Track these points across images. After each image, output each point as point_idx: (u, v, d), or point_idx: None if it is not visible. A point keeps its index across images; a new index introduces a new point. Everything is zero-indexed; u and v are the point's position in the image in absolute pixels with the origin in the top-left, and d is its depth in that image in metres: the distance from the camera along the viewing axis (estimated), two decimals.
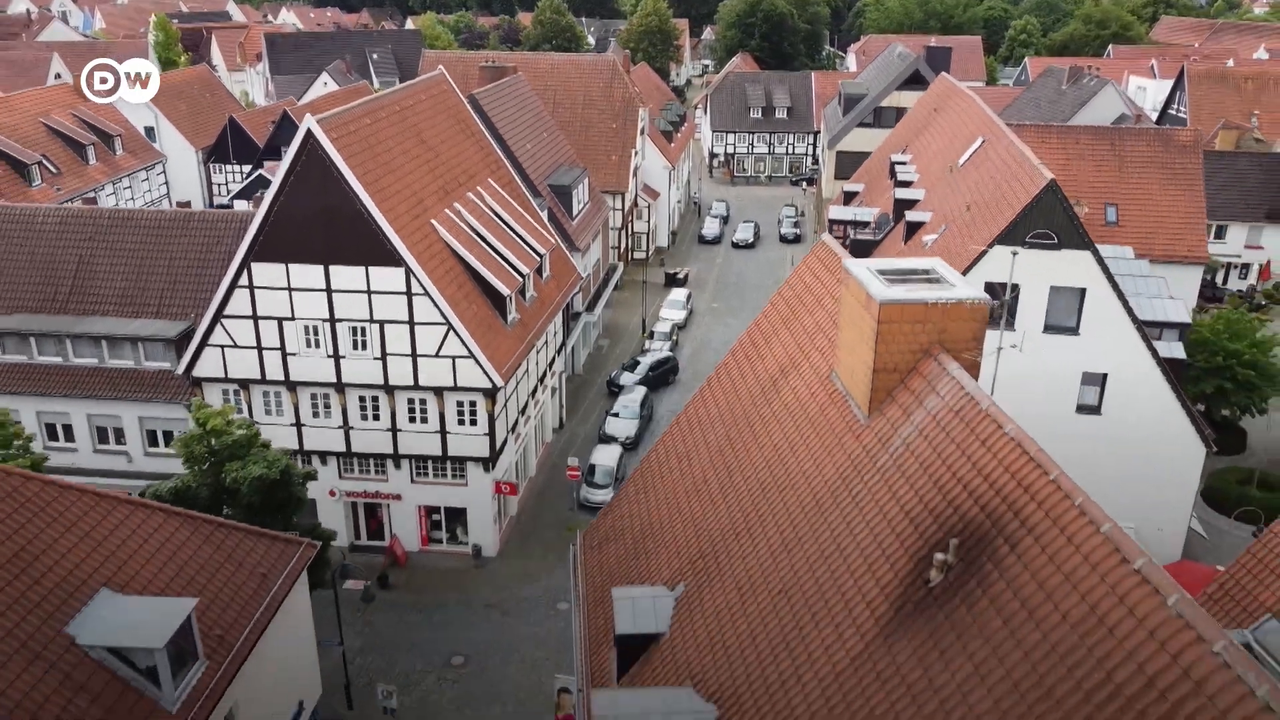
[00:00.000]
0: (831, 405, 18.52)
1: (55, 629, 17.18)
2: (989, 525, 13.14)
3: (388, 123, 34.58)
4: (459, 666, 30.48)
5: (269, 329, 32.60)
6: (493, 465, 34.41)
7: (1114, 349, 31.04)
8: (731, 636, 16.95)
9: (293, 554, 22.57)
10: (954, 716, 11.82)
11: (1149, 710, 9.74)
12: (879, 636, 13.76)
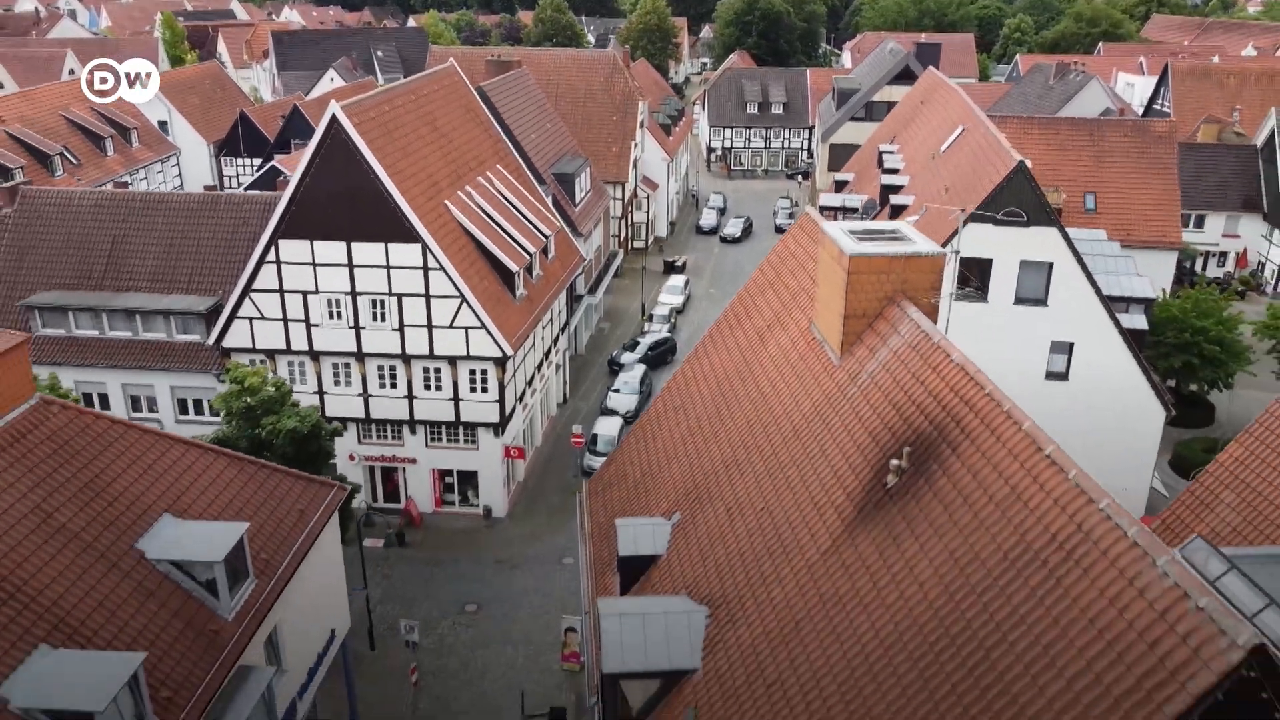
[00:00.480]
0: (810, 351, 20.95)
1: (127, 544, 19.58)
2: (936, 434, 15.56)
3: (404, 110, 36.99)
4: (472, 613, 32.91)
5: (294, 302, 35.02)
6: (502, 430, 36.84)
7: (1080, 319, 33.44)
8: (721, 552, 19.37)
9: (326, 495, 24.98)
10: (902, 586, 14.25)
11: (1050, 558, 12.18)
12: (844, 533, 16.19)
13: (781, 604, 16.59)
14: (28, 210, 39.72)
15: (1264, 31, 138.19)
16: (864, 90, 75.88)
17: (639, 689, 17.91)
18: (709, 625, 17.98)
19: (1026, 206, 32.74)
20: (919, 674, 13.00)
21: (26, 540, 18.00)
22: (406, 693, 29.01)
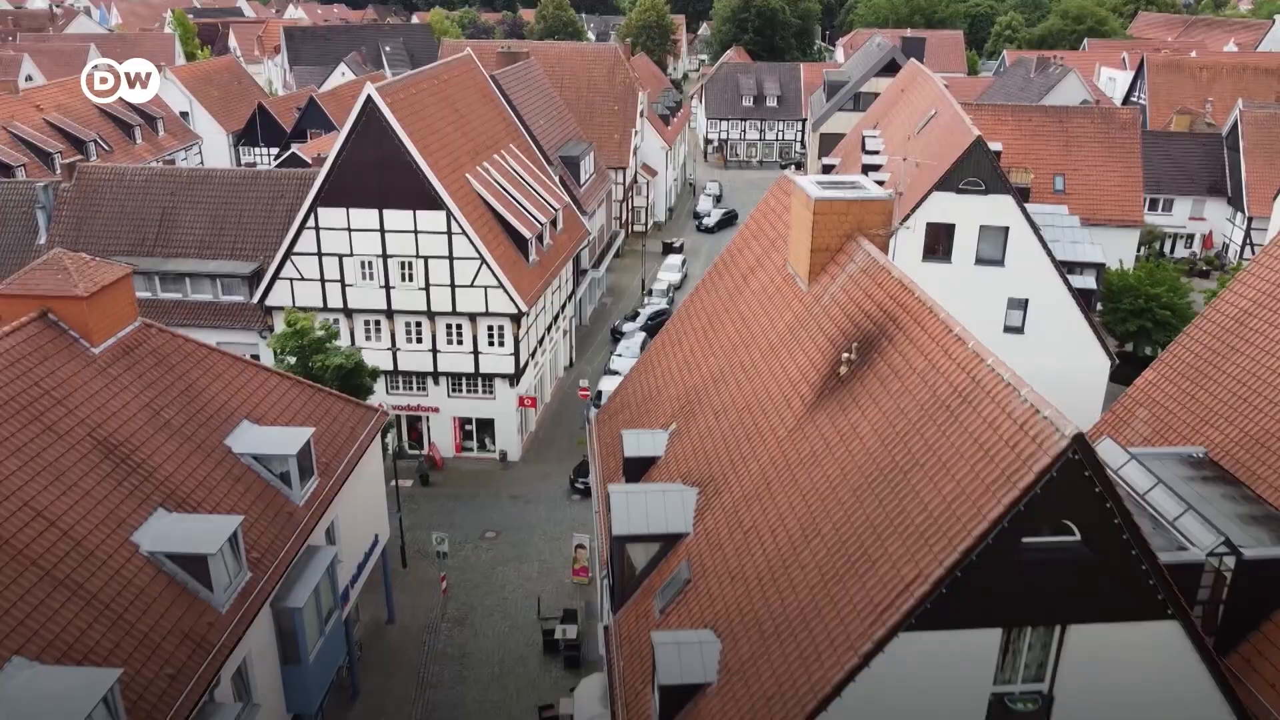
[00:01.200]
0: (785, 284, 25.05)
1: (217, 440, 23.62)
2: (877, 332, 19.66)
3: (428, 93, 41.03)
4: (492, 539, 36.97)
5: (331, 264, 39.06)
6: (517, 381, 40.91)
7: (1033, 278, 37.49)
8: (709, 445, 23.43)
9: (371, 417, 29.07)
10: (848, 442, 18.34)
11: (952, 403, 16.25)
12: (806, 414, 20.28)
13: (756, 473, 20.68)
14: (85, 185, 43.72)
15: (1245, 29, 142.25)
16: (852, 82, 79.93)
17: (641, 551, 21.95)
18: (699, 500, 22.04)
19: (984, 176, 36.81)
20: (857, 500, 17.09)
21: (141, 429, 22.04)
22: (436, 599, 33.08)
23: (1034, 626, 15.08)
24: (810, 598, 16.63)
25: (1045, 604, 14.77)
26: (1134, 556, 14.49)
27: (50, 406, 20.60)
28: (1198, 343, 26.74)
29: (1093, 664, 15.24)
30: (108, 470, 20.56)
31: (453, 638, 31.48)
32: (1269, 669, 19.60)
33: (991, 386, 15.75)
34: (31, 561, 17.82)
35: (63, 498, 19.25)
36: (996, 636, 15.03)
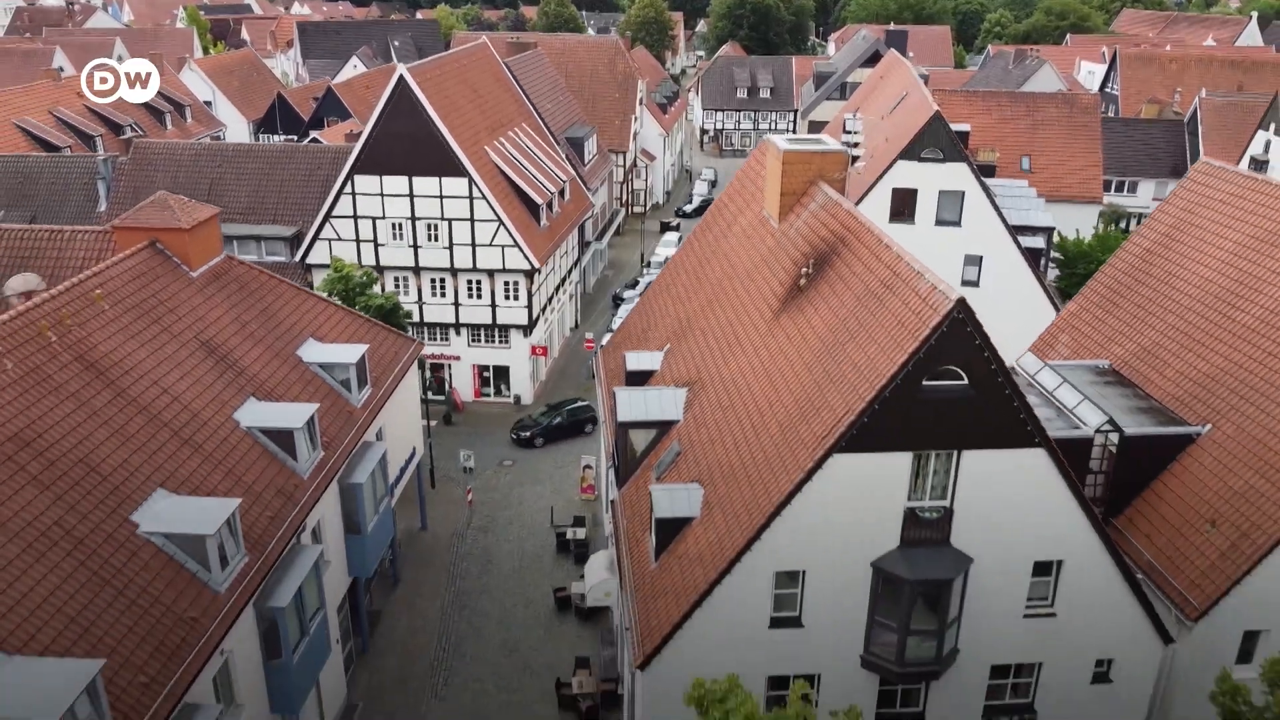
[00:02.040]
0: (761, 225, 30.04)
1: (290, 352, 28.55)
2: (829, 250, 24.63)
3: (450, 75, 45.96)
4: (509, 466, 41.91)
5: (365, 226, 43.96)
6: (530, 332, 45.87)
7: (986, 237, 42.45)
8: (697, 356, 28.40)
9: (409, 346, 34.02)
10: (804, 334, 23.31)
11: (880, 293, 21.20)
12: (773, 319, 25.25)
13: (734, 370, 25.68)
14: (140, 159, 48.61)
15: (1223, 25, 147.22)
16: (838, 73, 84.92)
17: (641, 436, 26.89)
18: (688, 395, 26.99)
19: (943, 146, 41.77)
20: (808, 370, 22.08)
21: (232, 337, 26.98)
22: (463, 512, 38.02)
23: (935, 452, 20.01)
24: (773, 445, 21.61)
25: (943, 433, 19.75)
26: (1008, 396, 19.48)
27: (164, 314, 25.53)
28: (1110, 277, 31.81)
29: (981, 483, 20.21)
30: (211, 364, 25.51)
31: (478, 541, 36.43)
32: (1145, 524, 24.71)
33: (908, 276, 20.74)
34: (164, 424, 22.77)
35: (180, 381, 24.19)
36: (908, 460, 20.00)
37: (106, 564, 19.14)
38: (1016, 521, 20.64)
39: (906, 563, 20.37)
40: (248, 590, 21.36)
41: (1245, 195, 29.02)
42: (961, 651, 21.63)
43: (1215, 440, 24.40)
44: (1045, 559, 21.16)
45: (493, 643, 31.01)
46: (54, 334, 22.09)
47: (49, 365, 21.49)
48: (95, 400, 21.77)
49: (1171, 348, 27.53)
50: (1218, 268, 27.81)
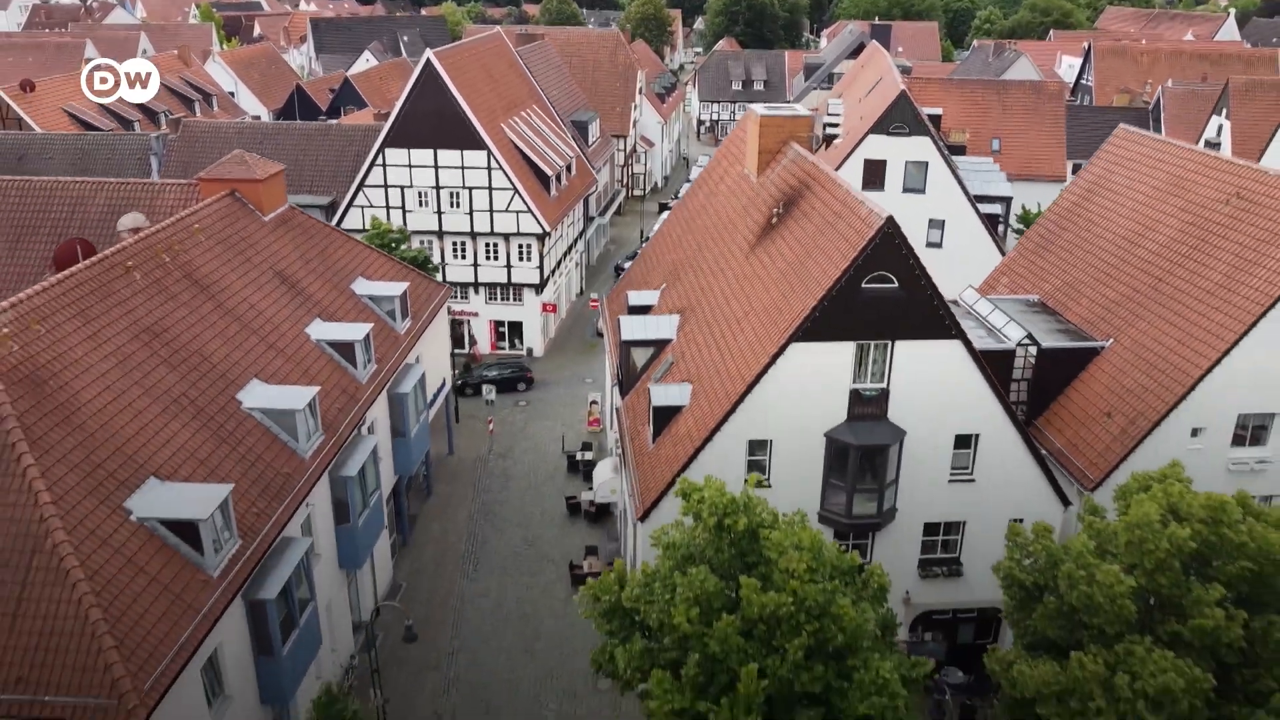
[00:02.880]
0: (743, 181, 35.31)
1: (344, 286, 33.79)
2: (796, 194, 29.91)
3: (470, 60, 51.23)
4: (524, 405, 47.18)
5: (394, 194, 49.20)
6: (541, 290, 51.13)
7: (948, 203, 47.67)
8: (688, 290, 33.64)
9: (440, 290, 39.28)
10: (774, 260, 28.59)
11: (834, 221, 26.50)
12: (749, 251, 30.53)
13: (718, 296, 30.94)
14: (188, 136, 53.86)
15: (1203, 21, 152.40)
16: (826, 64, 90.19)
17: (641, 354, 32.13)
18: (680, 320, 32.23)
19: (909, 122, 47.03)
20: (776, 286, 27.31)
21: (299, 270, 32.23)
22: (485, 441, 43.27)
23: (873, 342, 25.25)
24: (746, 343, 26.88)
25: (879, 327, 24.99)
26: (930, 296, 24.74)
27: (245, 248, 30.79)
28: (1042, 228, 37.16)
29: (911, 368, 25.45)
30: (284, 290, 30.77)
31: (498, 464, 41.71)
32: (1059, 420, 29.98)
33: (853, 205, 26.02)
34: (253, 331, 28.04)
35: (262, 300, 29.46)
36: (852, 349, 25.23)
37: (221, 428, 24.41)
38: (940, 400, 25.88)
39: (852, 433, 25.64)
40: (324, 461, 26.62)
41: (1152, 155, 34.35)
42: (899, 511, 26.89)
43: (1115, 351, 29.69)
44: (964, 433, 26.41)
45: (514, 539, 36.30)
46: (167, 256, 27.36)
47: (166, 279, 26.77)
48: (202, 308, 27.06)
49: (1088, 281, 32.84)
50: (1126, 214, 33.13)
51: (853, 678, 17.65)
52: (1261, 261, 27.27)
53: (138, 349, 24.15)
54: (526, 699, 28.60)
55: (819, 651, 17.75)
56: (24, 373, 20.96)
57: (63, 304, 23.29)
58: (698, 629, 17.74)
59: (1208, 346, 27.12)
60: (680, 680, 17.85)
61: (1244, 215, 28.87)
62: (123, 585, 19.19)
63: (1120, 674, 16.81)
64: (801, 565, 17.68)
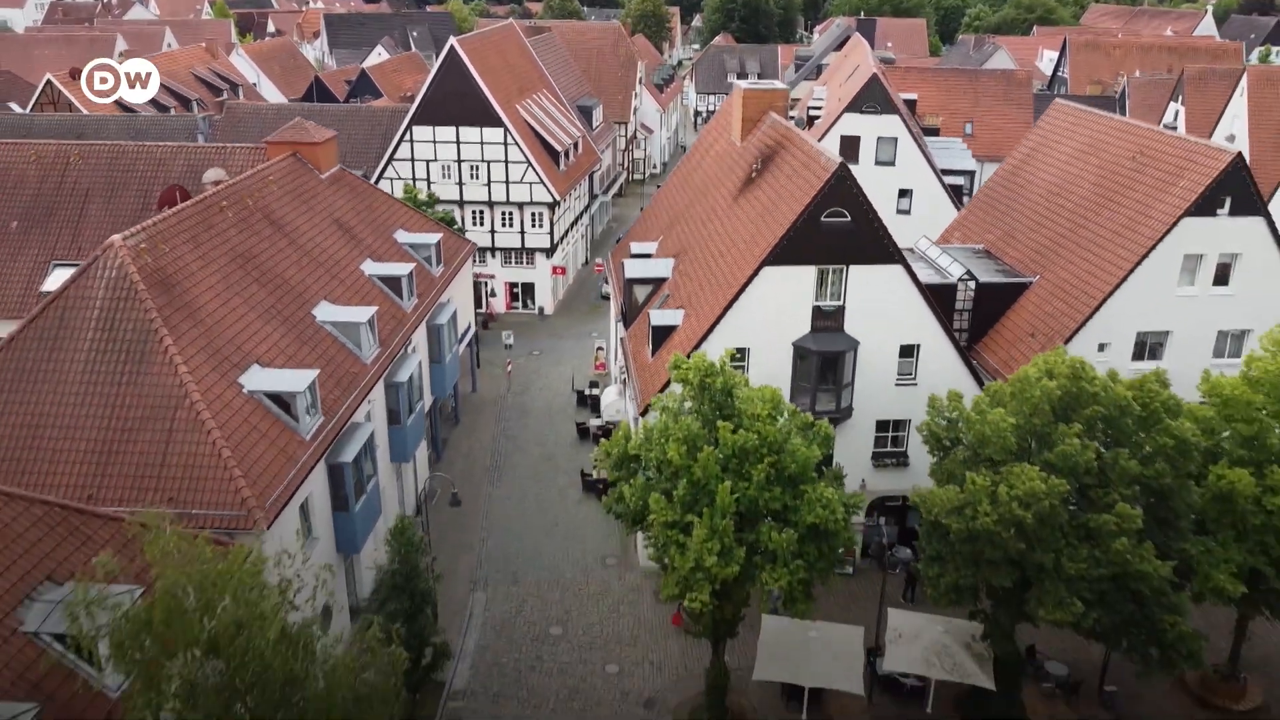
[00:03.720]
0: (730, 146, 41.09)
1: (387, 234, 39.53)
2: (772, 152, 35.69)
3: (487, 47, 56.96)
4: (538, 355, 52.92)
5: (420, 167, 54.92)
6: (551, 254, 56.86)
7: (915, 174, 53.44)
8: (681, 237, 39.40)
9: (466, 245, 45.03)
10: (751, 205, 34.36)
11: (801, 170, 32.30)
12: (732, 199, 36.32)
13: (705, 240, 36.70)
14: (231, 116, 59.58)
15: (1181, 18, 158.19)
16: (815, 57, 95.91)
17: (641, 290, 37.87)
18: (675, 262, 37.98)
19: (880, 101, 52.76)
20: (753, 224, 33.08)
21: (352, 219, 37.95)
22: (504, 381, 49.02)
23: (831, 267, 30.96)
24: (730, 273, 32.59)
25: (836, 254, 30.71)
26: (876, 228, 30.50)
27: (308, 199, 36.53)
28: (989, 189, 42.91)
29: (863, 288, 31.17)
30: (340, 234, 36.51)
31: (516, 400, 47.45)
32: (993, 344, 35.68)
33: (815, 155, 31.77)
34: (319, 264, 33.76)
35: (324, 240, 35.20)
36: (814, 272, 30.95)
37: (302, 334, 30.16)
38: (887, 315, 31.59)
39: (814, 342, 31.38)
40: (381, 368, 32.34)
41: (1077, 124, 40.11)
42: (855, 409, 32.63)
43: (1041, 285, 35.43)
44: (908, 343, 32.14)
45: (532, 456, 42.08)
46: (250, 200, 33.10)
47: (250, 218, 32.52)
48: (279, 243, 32.81)
49: (1022, 230, 38.58)
50: (1054, 172, 38.89)
51: (804, 497, 23.36)
52: (1156, 205, 33.03)
53: (235, 269, 29.90)
54: (546, 570, 34.38)
55: (778, 478, 23.45)
56: (157, 279, 26.70)
57: (177, 231, 29.01)
58: (685, 461, 23.44)
59: (1111, 277, 32.87)
60: (672, 500, 23.55)
61: (1144, 169, 34.63)
62: (242, 436, 24.93)
63: (1001, 486, 22.51)
64: (764, 410, 23.42)
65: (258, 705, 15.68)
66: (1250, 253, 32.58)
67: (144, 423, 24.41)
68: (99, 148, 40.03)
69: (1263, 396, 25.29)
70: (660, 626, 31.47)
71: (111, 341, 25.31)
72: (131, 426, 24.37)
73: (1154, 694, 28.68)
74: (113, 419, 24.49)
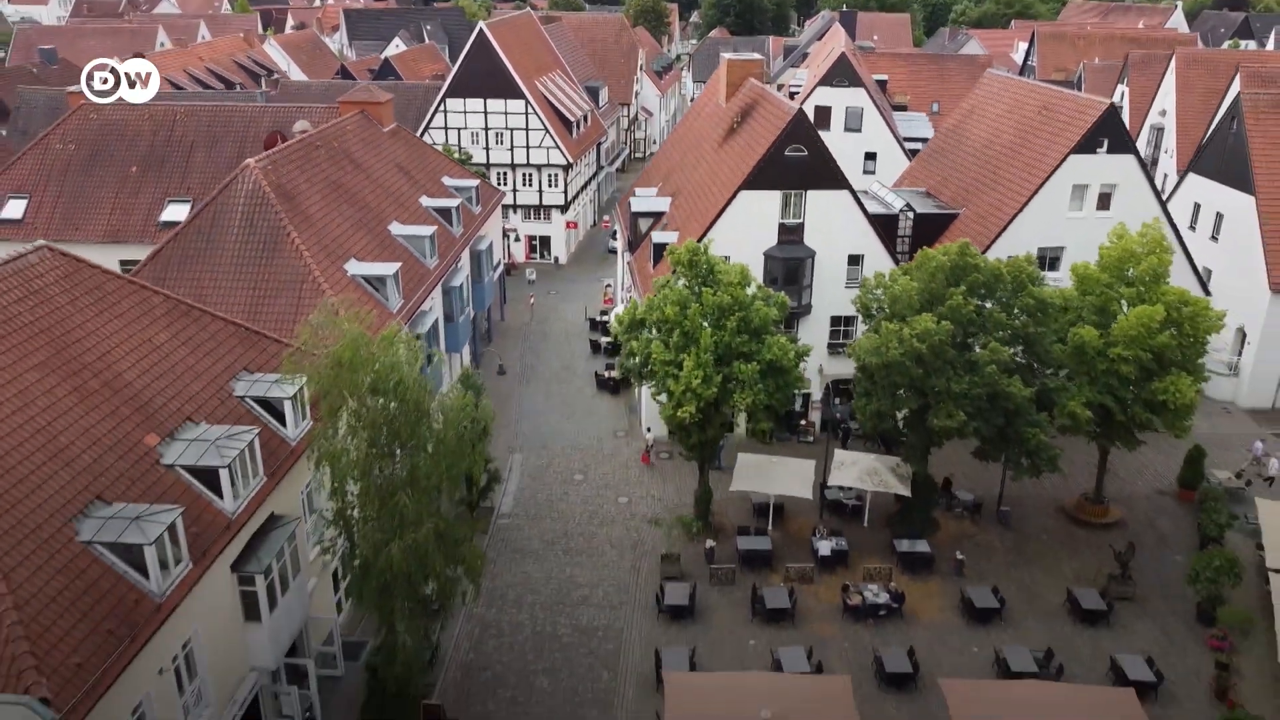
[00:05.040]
0: (717, 108, 49.91)
1: (435, 178, 48.26)
2: (749, 109, 44.52)
3: (509, 31, 65.75)
4: (554, 295, 61.70)
5: (453, 134, 63.65)
6: (565, 210, 65.61)
7: (878, 139, 62.22)
8: (677, 181, 48.20)
9: (496, 193, 53.81)
10: (731, 150, 43.21)
11: (769, 119, 41.12)
12: (718, 147, 45.16)
13: (695, 180, 45.49)
14: (284, 93, 68.31)
15: (1155, 12, 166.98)
16: (800, 46, 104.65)
17: (644, 222, 46.65)
18: (671, 199, 46.76)
19: (848, 76, 61.52)
20: (730, 160, 41.89)
21: (408, 164, 46.69)
22: (526, 313, 57.77)
23: (793, 191, 39.67)
24: (714, 199, 41.32)
25: (796, 180, 39.44)
26: (828, 161, 39.24)
27: (376, 146, 45.26)
28: (934, 142, 51.73)
29: (818, 208, 39.89)
30: (403, 175, 45.26)
31: (538, 327, 56.23)
32: None
33: (781, 105, 40.53)
34: (390, 195, 42.51)
35: (392, 178, 43.94)
36: (779, 195, 39.67)
37: (383, 242, 38.87)
38: (837, 231, 40.28)
39: (780, 251, 40.08)
40: (439, 274, 41.02)
41: (1005, 88, 48.89)
42: (813, 306, 41.34)
43: (966, 215, 44.18)
44: (854, 253, 40.84)
45: (554, 364, 50.89)
46: (336, 143, 41.86)
47: (336, 156, 41.27)
48: (358, 177, 41.55)
49: (955, 174, 47.37)
50: (984, 127, 47.64)
51: (765, 342, 32.09)
52: (1052, 147, 41.79)
53: (330, 192, 38.64)
54: (569, 441, 43.12)
55: (745, 328, 32.16)
56: (281, 191, 35.42)
57: (286, 161, 37.72)
58: (678, 317, 32.17)
59: (1015, 204, 41.66)
60: (669, 346, 32.26)
61: (1047, 120, 43.40)
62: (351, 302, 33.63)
63: (905, 329, 31.23)
64: (735, 278, 32.17)
65: (400, 430, 24.31)
66: (1125, 183, 41.36)
67: (279, 292, 33.12)
68: (199, 108, 48.74)
69: (1107, 275, 34.01)
70: (660, 473, 40.18)
71: (252, 235, 34.05)
72: (270, 295, 33.08)
73: (1039, 514, 37.45)
74: (255, 290, 33.20)
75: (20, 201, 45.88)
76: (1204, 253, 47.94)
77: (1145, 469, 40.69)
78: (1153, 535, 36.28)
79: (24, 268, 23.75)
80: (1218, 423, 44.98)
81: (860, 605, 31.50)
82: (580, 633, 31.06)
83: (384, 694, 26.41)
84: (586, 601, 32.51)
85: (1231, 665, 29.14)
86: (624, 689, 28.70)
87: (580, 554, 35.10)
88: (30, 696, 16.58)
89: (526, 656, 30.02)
